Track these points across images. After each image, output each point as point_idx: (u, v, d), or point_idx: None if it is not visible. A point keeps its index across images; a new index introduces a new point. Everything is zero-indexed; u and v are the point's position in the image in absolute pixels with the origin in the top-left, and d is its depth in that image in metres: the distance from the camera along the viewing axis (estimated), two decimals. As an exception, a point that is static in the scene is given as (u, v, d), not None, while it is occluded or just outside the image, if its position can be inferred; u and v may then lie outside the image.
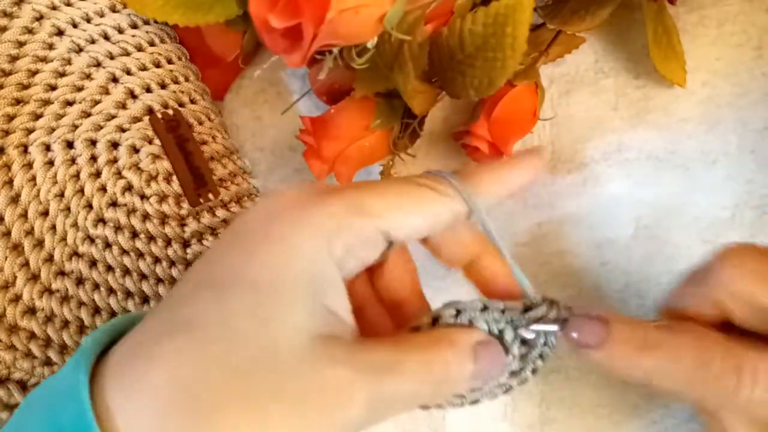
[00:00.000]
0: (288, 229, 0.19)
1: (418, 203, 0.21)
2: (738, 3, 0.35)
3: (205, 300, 0.18)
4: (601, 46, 0.35)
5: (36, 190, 0.30)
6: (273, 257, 0.19)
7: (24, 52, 0.31)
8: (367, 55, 0.26)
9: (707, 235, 0.33)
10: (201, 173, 0.32)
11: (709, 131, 0.34)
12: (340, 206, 0.19)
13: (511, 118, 0.31)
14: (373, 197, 0.20)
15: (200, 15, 0.31)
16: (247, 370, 0.17)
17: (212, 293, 0.18)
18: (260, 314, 0.18)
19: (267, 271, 0.19)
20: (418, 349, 0.20)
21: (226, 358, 0.17)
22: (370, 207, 0.20)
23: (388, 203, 0.20)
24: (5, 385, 0.29)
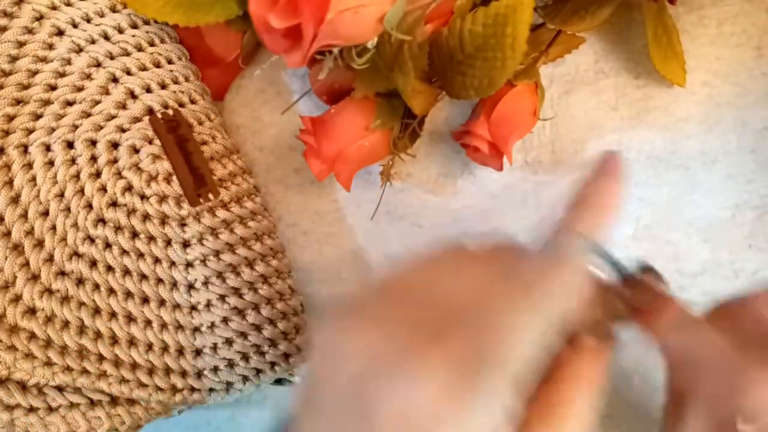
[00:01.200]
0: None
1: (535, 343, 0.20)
2: (738, 3, 0.35)
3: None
4: (601, 46, 0.35)
5: (36, 190, 0.30)
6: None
7: (24, 52, 0.31)
8: (367, 55, 0.27)
9: (707, 235, 0.33)
10: (201, 173, 0.32)
11: (709, 131, 0.34)
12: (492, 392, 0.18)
13: (511, 118, 0.31)
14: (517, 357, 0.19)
15: (200, 15, 0.31)
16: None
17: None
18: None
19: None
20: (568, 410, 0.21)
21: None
22: (515, 360, 0.19)
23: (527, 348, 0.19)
24: (6, 385, 0.29)
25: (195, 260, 0.32)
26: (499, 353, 0.18)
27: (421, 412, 0.18)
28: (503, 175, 0.35)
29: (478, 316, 0.19)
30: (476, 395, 0.18)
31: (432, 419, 0.17)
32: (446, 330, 0.19)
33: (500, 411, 0.18)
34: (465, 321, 0.19)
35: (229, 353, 0.33)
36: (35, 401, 0.29)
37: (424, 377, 0.18)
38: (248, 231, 0.33)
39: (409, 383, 0.18)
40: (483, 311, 0.19)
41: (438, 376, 0.18)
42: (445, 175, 0.35)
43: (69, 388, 0.30)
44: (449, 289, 0.21)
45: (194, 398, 0.32)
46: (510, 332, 0.19)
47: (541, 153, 0.35)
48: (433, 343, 0.19)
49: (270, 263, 0.34)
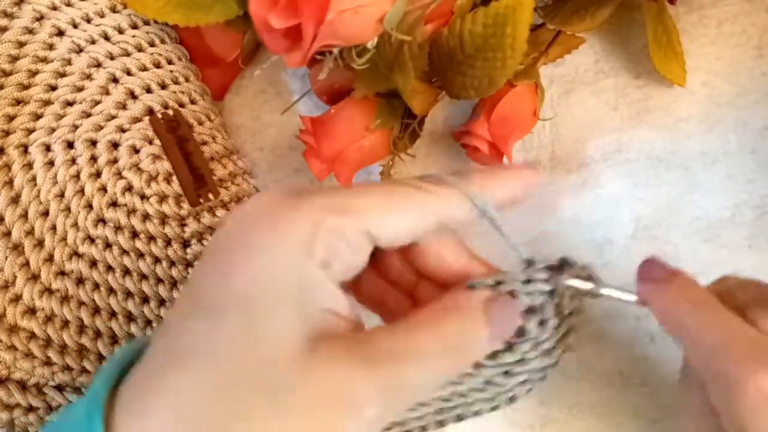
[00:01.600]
0: (266, 237, 0.19)
1: (401, 203, 0.20)
2: (738, 3, 0.35)
3: (197, 327, 0.18)
4: (601, 46, 0.35)
5: (36, 190, 0.30)
6: (254, 270, 0.18)
7: (24, 52, 0.31)
8: (367, 55, 0.27)
9: (707, 235, 0.33)
10: (201, 173, 0.32)
11: (709, 131, 0.34)
12: (317, 206, 0.19)
13: (511, 118, 0.31)
14: (353, 197, 0.19)
15: (200, 15, 0.31)
16: (246, 393, 0.17)
17: (203, 319, 0.18)
18: (251, 332, 0.18)
19: (250, 285, 0.18)
20: (428, 324, 0.19)
21: (224, 385, 0.17)
22: (350, 206, 0.19)
23: (369, 202, 0.19)
24: (5, 385, 0.29)
25: (195, 260, 0.32)
26: (340, 193, 0.19)
27: (251, 215, 0.20)
28: (503, 175, 0.35)
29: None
30: (298, 211, 0.19)
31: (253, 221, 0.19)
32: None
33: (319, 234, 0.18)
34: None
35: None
36: (35, 401, 0.29)
37: (273, 192, 0.20)
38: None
39: (257, 196, 0.20)
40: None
41: (282, 193, 0.20)
42: (445, 175, 0.35)
43: (69, 387, 0.30)
44: None
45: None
46: (359, 188, 0.20)
47: (541, 153, 0.35)
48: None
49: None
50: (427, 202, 0.20)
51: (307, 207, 0.19)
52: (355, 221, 0.19)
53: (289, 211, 0.19)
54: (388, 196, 0.20)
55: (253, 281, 0.18)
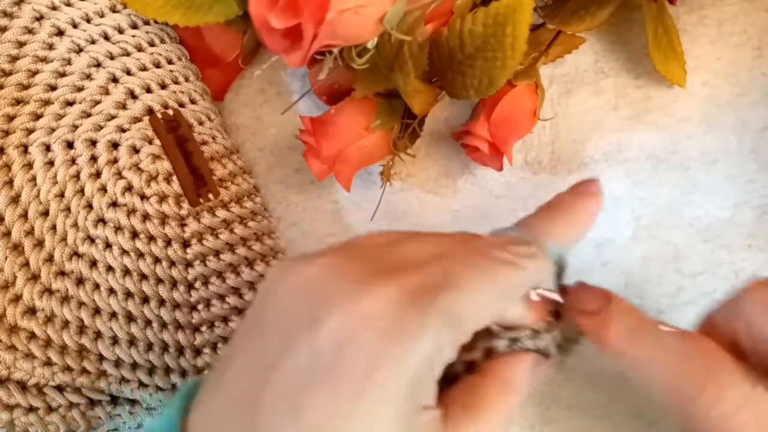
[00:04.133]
0: (385, 373, 0.17)
1: (505, 294, 0.19)
2: (738, 3, 0.35)
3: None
4: (601, 46, 0.35)
5: (36, 190, 0.30)
6: (370, 413, 0.16)
7: (24, 52, 0.31)
8: (367, 55, 0.27)
9: (707, 235, 0.33)
10: (201, 173, 0.32)
11: (709, 131, 0.34)
12: (438, 326, 0.17)
13: (511, 118, 0.31)
14: (467, 304, 0.18)
15: (200, 15, 0.31)
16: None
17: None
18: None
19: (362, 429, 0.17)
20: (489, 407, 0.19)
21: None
22: (466, 319, 0.18)
23: (480, 309, 0.19)
24: (5, 385, 0.29)
25: (195, 260, 0.32)
26: (455, 298, 0.18)
27: (364, 333, 0.17)
28: (503, 175, 0.35)
29: (439, 265, 0.19)
30: (423, 329, 0.17)
31: (374, 344, 0.17)
32: (402, 270, 0.18)
33: (437, 356, 0.18)
34: (424, 269, 0.19)
35: (229, 353, 0.33)
36: (35, 401, 0.29)
37: (379, 296, 0.17)
38: (248, 231, 0.33)
39: (362, 297, 0.17)
40: (444, 263, 0.19)
41: (389, 299, 0.17)
42: (445, 175, 0.35)
43: (69, 387, 0.30)
44: (410, 248, 0.20)
45: (194, 398, 0.33)
46: (468, 285, 0.18)
47: (541, 153, 0.35)
48: (387, 275, 0.18)
49: (270, 263, 0.34)
50: (523, 283, 0.20)
51: (429, 328, 0.17)
52: (471, 330, 0.18)
53: (414, 328, 0.17)
54: (493, 284, 0.19)
55: (378, 416, 0.17)
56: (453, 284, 0.18)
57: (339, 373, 0.17)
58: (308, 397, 0.17)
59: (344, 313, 0.17)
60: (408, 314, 0.17)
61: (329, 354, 0.17)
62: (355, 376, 0.16)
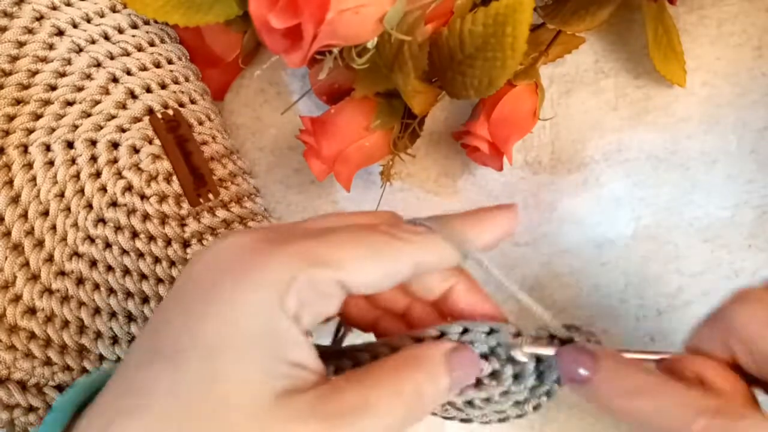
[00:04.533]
0: (236, 285, 0.18)
1: (376, 253, 0.19)
2: (738, 3, 0.35)
3: (156, 371, 0.18)
4: (601, 46, 0.35)
5: (36, 190, 0.30)
6: (222, 318, 0.18)
7: (24, 52, 0.31)
8: (367, 55, 0.27)
9: (707, 235, 0.33)
10: (201, 173, 0.32)
11: (709, 131, 0.34)
12: (291, 256, 0.18)
13: (511, 118, 0.31)
14: (328, 247, 0.19)
15: (200, 15, 0.31)
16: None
17: (163, 363, 0.18)
18: (212, 382, 0.17)
19: (216, 334, 0.18)
20: (387, 378, 0.19)
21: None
22: (324, 257, 0.19)
23: (343, 253, 0.19)
24: (5, 385, 0.29)
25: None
26: (316, 243, 0.19)
27: (222, 259, 0.19)
28: (503, 175, 0.35)
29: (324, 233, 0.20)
30: (273, 253, 0.18)
31: (223, 267, 0.18)
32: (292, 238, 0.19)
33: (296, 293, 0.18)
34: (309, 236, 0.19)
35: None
36: (35, 401, 0.29)
37: (246, 235, 0.19)
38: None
39: (230, 237, 0.19)
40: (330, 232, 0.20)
41: (255, 238, 0.19)
42: (445, 175, 0.36)
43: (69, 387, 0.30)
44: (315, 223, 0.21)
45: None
46: (337, 241, 0.19)
47: (541, 153, 0.35)
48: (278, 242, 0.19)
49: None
50: (402, 251, 0.20)
51: (282, 256, 0.18)
52: (330, 273, 0.19)
53: (262, 257, 0.18)
54: (363, 246, 0.19)
55: (220, 330, 0.18)
56: (317, 236, 0.19)
57: (188, 293, 0.19)
58: (162, 317, 0.19)
59: (214, 249, 0.19)
60: (263, 245, 0.19)
61: (192, 280, 0.19)
62: (200, 293, 0.18)
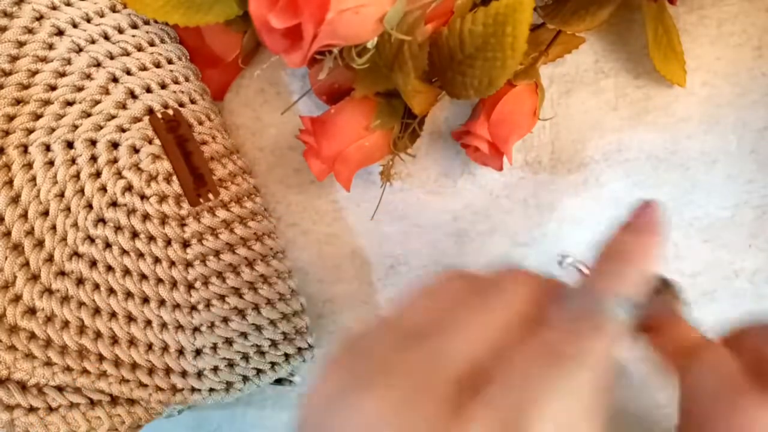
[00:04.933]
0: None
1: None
2: (738, 3, 0.35)
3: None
4: (601, 46, 0.35)
5: (36, 190, 0.30)
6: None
7: (24, 52, 0.31)
8: (367, 55, 0.27)
9: (707, 235, 0.33)
10: (201, 173, 0.32)
11: (709, 131, 0.34)
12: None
13: (511, 118, 0.31)
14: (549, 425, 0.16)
15: (200, 15, 0.31)
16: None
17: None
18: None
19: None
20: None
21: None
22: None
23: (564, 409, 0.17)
24: (5, 385, 0.29)
25: (195, 260, 0.32)
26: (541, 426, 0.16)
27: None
28: (503, 175, 0.35)
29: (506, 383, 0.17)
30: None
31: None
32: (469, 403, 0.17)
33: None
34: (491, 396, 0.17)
35: (229, 353, 0.33)
36: (35, 401, 0.29)
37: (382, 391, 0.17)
38: (248, 231, 0.33)
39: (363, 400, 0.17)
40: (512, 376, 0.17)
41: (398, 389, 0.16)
42: (445, 175, 0.35)
43: (69, 388, 0.30)
44: (455, 347, 0.18)
45: (194, 398, 0.33)
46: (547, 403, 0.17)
47: (541, 153, 0.35)
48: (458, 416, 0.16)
49: (270, 263, 0.34)
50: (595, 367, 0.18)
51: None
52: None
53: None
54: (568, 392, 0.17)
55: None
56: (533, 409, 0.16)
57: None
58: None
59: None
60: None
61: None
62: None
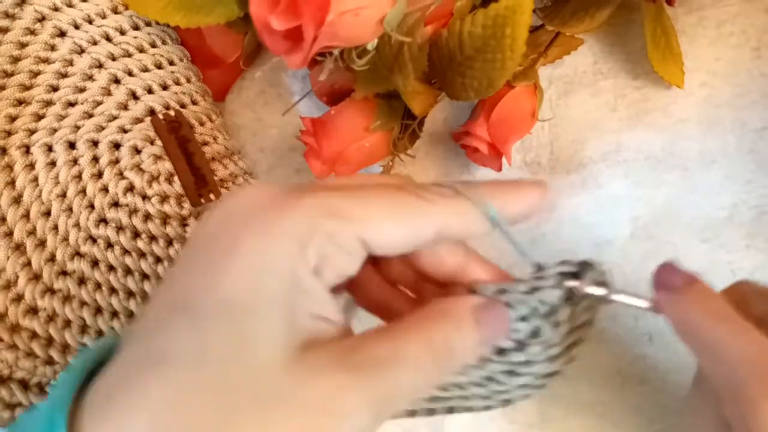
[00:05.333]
0: (257, 237, 0.18)
1: (401, 212, 0.19)
2: (737, 4, 0.35)
3: (178, 328, 0.17)
4: (599, 47, 0.35)
5: (38, 190, 0.30)
6: (243, 273, 0.17)
7: (26, 53, 0.31)
8: (367, 56, 0.27)
9: (706, 235, 0.34)
10: (202, 173, 0.32)
11: (708, 132, 0.34)
12: (312, 208, 0.18)
13: (510, 119, 0.31)
14: (350, 200, 0.18)
15: (201, 17, 0.31)
16: (231, 402, 0.16)
17: (185, 320, 0.17)
18: (237, 338, 0.17)
19: (239, 289, 0.17)
20: (417, 329, 0.19)
21: (207, 393, 0.16)
22: (347, 210, 0.18)
23: (368, 210, 0.18)
24: (7, 384, 0.29)
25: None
26: (340, 198, 0.18)
27: (240, 212, 0.18)
28: (502, 176, 0.35)
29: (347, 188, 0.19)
30: (295, 205, 0.18)
31: (244, 220, 0.18)
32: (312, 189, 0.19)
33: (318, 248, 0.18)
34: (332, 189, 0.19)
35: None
36: (37, 400, 0.30)
37: (263, 188, 0.19)
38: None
39: (248, 189, 0.19)
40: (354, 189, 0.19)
41: (275, 190, 0.19)
42: (444, 176, 0.36)
43: (71, 387, 0.30)
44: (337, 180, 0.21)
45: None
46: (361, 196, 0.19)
47: (539, 154, 0.35)
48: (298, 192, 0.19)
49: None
50: (428, 213, 0.19)
51: (303, 208, 0.18)
52: (352, 227, 0.18)
53: (283, 210, 0.18)
54: (388, 203, 0.19)
55: (242, 285, 0.17)
56: (340, 189, 0.19)
57: (209, 247, 0.18)
58: (182, 273, 0.19)
59: (230, 202, 0.19)
60: (283, 198, 0.18)
61: (209, 235, 0.19)
62: (221, 247, 0.18)
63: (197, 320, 0.17)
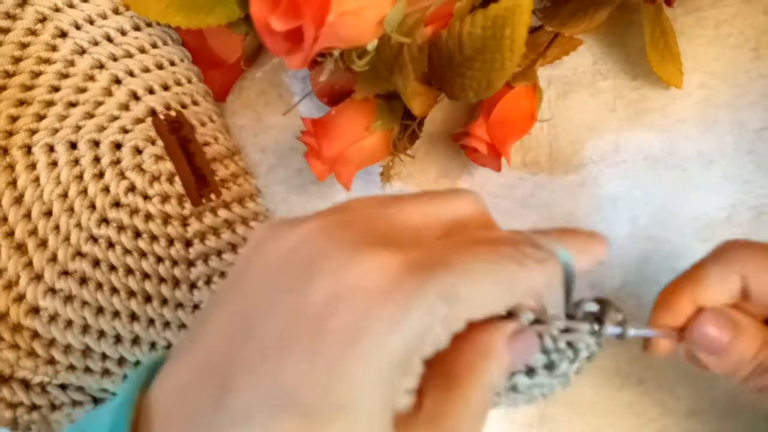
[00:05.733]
0: (382, 336, 0.16)
1: (506, 289, 0.18)
2: (735, 4, 0.35)
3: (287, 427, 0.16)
4: (598, 48, 0.35)
5: (40, 190, 0.30)
6: (368, 375, 0.16)
7: (27, 53, 0.31)
8: (367, 57, 0.27)
9: (704, 236, 0.34)
10: (203, 174, 0.32)
11: (707, 132, 0.34)
12: (434, 296, 0.16)
13: (510, 120, 0.31)
14: (462, 278, 0.17)
15: (202, 17, 0.31)
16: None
17: (294, 421, 0.16)
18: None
19: (361, 392, 0.16)
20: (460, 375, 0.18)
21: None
22: (461, 292, 0.17)
23: (476, 286, 0.17)
24: (9, 383, 0.29)
25: (197, 259, 0.32)
26: (454, 278, 0.17)
27: (358, 296, 0.16)
28: (502, 176, 0.35)
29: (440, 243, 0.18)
30: (418, 299, 0.16)
31: (364, 310, 0.16)
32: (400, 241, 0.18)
33: (428, 335, 0.17)
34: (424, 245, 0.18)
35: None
36: (38, 399, 0.30)
37: (374, 265, 0.17)
38: (250, 231, 0.34)
39: (356, 265, 0.17)
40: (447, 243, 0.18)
41: (389, 269, 0.17)
42: (444, 176, 0.36)
43: (72, 386, 0.31)
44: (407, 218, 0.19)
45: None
46: (469, 269, 0.17)
47: (539, 154, 0.35)
48: (383, 244, 0.17)
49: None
50: (526, 285, 0.19)
51: (427, 296, 0.16)
52: (464, 312, 0.17)
53: (408, 301, 0.16)
54: (495, 279, 0.18)
55: (365, 390, 0.16)
56: (454, 264, 0.17)
57: (323, 335, 0.16)
58: (287, 358, 0.16)
59: (336, 277, 0.17)
60: (403, 282, 0.16)
61: (315, 316, 0.16)
62: (340, 340, 0.16)
63: (312, 425, 0.16)
